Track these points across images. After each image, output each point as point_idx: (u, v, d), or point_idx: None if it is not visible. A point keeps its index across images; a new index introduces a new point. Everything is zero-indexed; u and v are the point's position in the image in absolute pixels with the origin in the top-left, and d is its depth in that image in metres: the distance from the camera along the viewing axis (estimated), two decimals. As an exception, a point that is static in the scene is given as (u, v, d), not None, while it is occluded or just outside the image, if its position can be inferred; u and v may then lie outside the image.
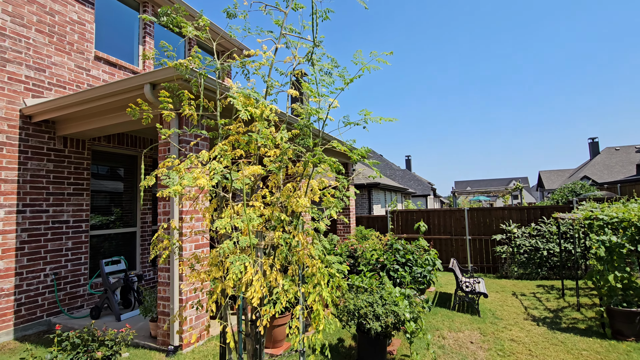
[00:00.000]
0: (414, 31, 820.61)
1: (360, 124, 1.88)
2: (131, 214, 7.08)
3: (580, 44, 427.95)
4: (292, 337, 1.62)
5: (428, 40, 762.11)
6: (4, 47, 5.09)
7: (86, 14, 6.23)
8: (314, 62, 1.96)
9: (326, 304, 1.66)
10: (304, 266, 1.66)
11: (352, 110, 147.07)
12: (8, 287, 4.95)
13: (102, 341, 2.67)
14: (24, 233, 5.16)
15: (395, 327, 3.52)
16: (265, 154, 1.73)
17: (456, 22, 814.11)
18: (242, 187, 1.46)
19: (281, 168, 1.75)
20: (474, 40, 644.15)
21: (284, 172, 1.84)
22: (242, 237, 1.42)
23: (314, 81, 1.68)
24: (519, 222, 9.19)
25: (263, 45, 1.90)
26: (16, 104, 5.19)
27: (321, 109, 1.68)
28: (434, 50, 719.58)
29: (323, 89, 1.69)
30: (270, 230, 1.73)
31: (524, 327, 5.15)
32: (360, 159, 1.97)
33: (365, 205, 15.04)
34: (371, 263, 5.59)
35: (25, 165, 5.24)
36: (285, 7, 1.95)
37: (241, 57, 1.94)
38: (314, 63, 1.97)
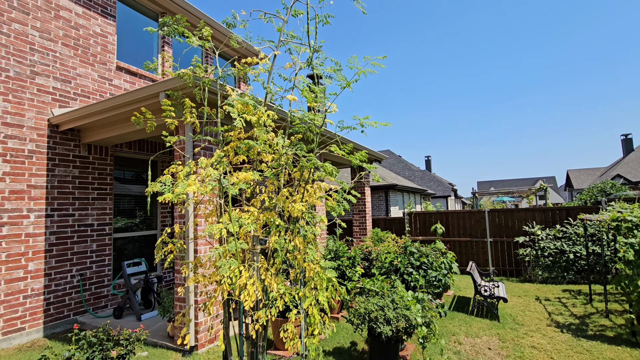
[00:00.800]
0: (441, 35, 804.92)
1: (356, 128, 1.88)
2: (152, 217, 7.33)
3: (610, 41, 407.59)
4: (286, 341, 1.63)
5: (451, 41, 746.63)
6: (33, 60, 5.41)
7: (108, 27, 6.52)
8: (314, 67, 1.98)
9: (322, 309, 1.66)
10: (303, 270, 1.67)
11: (377, 110, 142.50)
12: (38, 287, 5.23)
13: (117, 340, 2.79)
14: (52, 236, 5.45)
15: (407, 332, 3.47)
16: (263, 159, 1.76)
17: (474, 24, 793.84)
18: (235, 193, 1.49)
19: (279, 173, 1.78)
20: (500, 38, 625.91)
21: (285, 177, 1.87)
22: (231, 243, 1.45)
23: (311, 88, 1.70)
24: (543, 223, 8.84)
25: (260, 53, 1.94)
26: (44, 114, 5.50)
27: (316, 114, 1.69)
28: (459, 49, 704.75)
29: (320, 94, 1.70)
30: (273, 234, 1.75)
31: (547, 333, 4.94)
32: (359, 163, 1.96)
33: (382, 207, 14.89)
34: (384, 266, 5.53)
35: (53, 171, 5.53)
36: (285, 14, 1.98)
37: (243, 62, 1.99)
38: (314, 68, 1.99)
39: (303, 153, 1.69)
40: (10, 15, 5.16)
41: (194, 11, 7.96)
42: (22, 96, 5.24)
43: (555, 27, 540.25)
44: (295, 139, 2.13)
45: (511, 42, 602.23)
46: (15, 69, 5.18)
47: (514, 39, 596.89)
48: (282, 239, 1.61)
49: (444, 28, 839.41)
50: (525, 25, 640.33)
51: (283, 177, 1.88)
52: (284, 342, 3.98)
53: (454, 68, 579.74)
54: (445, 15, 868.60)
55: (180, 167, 1.73)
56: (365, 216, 9.90)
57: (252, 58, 1.93)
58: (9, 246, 4.95)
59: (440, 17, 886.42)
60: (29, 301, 5.12)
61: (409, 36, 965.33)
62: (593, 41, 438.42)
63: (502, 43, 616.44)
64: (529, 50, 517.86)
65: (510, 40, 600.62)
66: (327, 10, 2.09)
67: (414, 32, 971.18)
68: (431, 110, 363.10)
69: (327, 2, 1.99)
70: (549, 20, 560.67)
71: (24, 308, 5.06)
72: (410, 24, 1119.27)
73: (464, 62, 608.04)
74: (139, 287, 5.67)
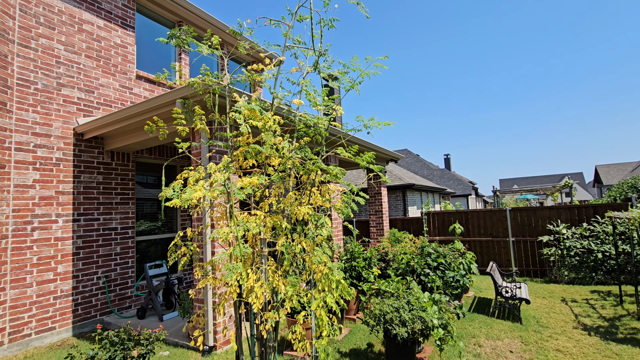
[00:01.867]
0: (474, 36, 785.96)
1: (360, 130, 1.88)
2: (172, 220, 7.55)
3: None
4: (295, 343, 1.65)
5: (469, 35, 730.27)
6: (59, 73, 5.69)
7: (128, 38, 6.77)
8: (320, 70, 2.00)
9: (333, 310, 1.67)
10: (312, 272, 1.69)
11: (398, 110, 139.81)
12: (67, 288, 5.49)
13: (137, 340, 2.90)
14: (79, 239, 5.70)
15: (423, 334, 3.42)
16: (269, 163, 1.79)
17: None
18: (243, 197, 1.53)
19: (285, 177, 1.80)
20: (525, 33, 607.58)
21: (293, 180, 1.89)
22: (236, 248, 1.48)
23: (314, 91, 1.72)
24: (569, 222, 8.50)
25: (266, 60, 1.97)
26: (70, 123, 5.77)
27: (321, 117, 1.70)
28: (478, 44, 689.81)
29: (319, 98, 1.72)
30: (282, 237, 1.78)
31: (573, 336, 4.75)
32: (366, 165, 1.97)
33: (399, 207, 14.72)
34: (401, 267, 5.47)
35: (79, 178, 5.80)
36: (291, 19, 2.01)
37: (250, 68, 2.04)
38: (321, 71, 2.01)
39: (310, 156, 1.71)
40: (37, 31, 5.45)
41: (209, 18, 8.16)
42: (50, 107, 5.52)
43: (582, 18, 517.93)
44: (304, 142, 2.15)
45: (534, 37, 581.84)
46: (42, 82, 5.46)
47: (537, 34, 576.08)
48: (288, 242, 1.63)
49: (464, 25, 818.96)
50: (549, 19, 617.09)
51: (291, 180, 1.90)
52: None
53: (474, 65, 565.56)
54: (447, 14, 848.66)
55: (192, 173, 1.78)
56: (382, 216, 9.82)
57: (259, 64, 1.96)
58: (39, 249, 5.21)
59: (442, 17, 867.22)
60: (58, 302, 5.37)
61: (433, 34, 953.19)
62: (623, 29, 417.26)
63: (524, 38, 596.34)
64: (554, 44, 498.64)
65: (533, 35, 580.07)
66: (332, 14, 2.11)
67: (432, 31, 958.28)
68: (452, 109, 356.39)
69: (331, 7, 2.00)
70: (574, 10, 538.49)
71: (54, 308, 5.32)
72: (414, 26, 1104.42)
73: (485, 60, 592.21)
74: (160, 289, 5.84)
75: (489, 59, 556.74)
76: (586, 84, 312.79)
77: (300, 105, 1.84)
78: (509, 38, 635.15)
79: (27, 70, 5.29)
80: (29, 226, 5.13)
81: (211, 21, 8.23)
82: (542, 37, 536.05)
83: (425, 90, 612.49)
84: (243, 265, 1.55)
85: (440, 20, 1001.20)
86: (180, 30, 2.03)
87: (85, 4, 6.13)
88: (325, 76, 1.96)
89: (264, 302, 1.47)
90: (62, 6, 5.80)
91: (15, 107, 5.13)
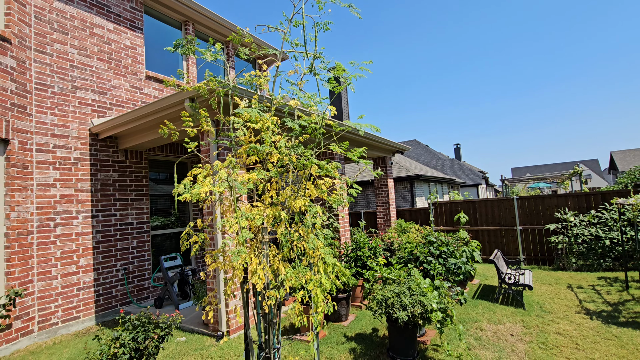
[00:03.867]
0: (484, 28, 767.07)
1: (349, 128, 2.04)
2: (185, 214, 7.84)
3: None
4: (293, 317, 1.86)
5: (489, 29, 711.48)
6: (74, 76, 5.96)
7: (137, 39, 7.00)
8: (316, 72, 2.16)
9: (330, 291, 1.86)
10: (309, 257, 1.87)
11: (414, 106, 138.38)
12: (89, 280, 5.83)
13: (156, 323, 3.16)
14: (98, 234, 6.03)
15: (423, 317, 3.60)
16: (271, 159, 1.97)
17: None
18: (245, 191, 1.71)
19: (283, 173, 1.98)
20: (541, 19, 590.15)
21: (291, 175, 2.07)
22: (242, 234, 1.67)
23: (312, 95, 1.89)
24: (577, 209, 8.50)
25: (263, 66, 2.14)
26: (86, 124, 6.06)
27: (313, 117, 1.86)
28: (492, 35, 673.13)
29: (312, 100, 1.88)
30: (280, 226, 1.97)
31: (574, 320, 4.87)
32: (358, 159, 2.13)
33: (407, 197, 14.80)
34: (404, 255, 5.63)
35: (96, 176, 6.10)
36: (287, 25, 2.16)
37: (252, 73, 2.22)
38: (316, 73, 2.17)
39: (303, 153, 1.88)
40: (52, 36, 5.72)
41: (215, 17, 8.32)
42: (66, 109, 5.81)
43: (591, 6, 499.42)
44: (302, 139, 2.33)
45: (543, 26, 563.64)
46: (59, 85, 5.74)
47: (546, 22, 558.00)
48: (286, 230, 1.82)
49: (475, 17, 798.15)
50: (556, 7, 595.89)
51: (290, 174, 2.08)
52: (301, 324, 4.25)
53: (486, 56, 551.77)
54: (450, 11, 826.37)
55: (200, 170, 1.98)
56: (389, 207, 9.96)
57: (261, 66, 2.13)
58: (62, 244, 5.55)
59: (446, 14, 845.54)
60: (81, 293, 5.73)
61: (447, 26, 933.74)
62: (633, 13, 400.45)
63: (533, 27, 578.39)
64: (567, 31, 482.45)
65: (541, 24, 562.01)
66: (326, 18, 2.26)
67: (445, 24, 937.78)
68: (463, 99, 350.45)
69: (325, 11, 2.15)
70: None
71: (78, 299, 5.68)
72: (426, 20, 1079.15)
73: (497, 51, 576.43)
74: (175, 280, 6.15)
75: (505, 46, 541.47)
76: (603, 68, 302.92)
77: (297, 106, 2.01)
78: (520, 26, 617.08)
79: (44, 74, 5.57)
80: (52, 222, 5.46)
81: (217, 20, 8.40)
82: (554, 24, 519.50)
83: (438, 79, 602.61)
84: (247, 251, 1.74)
85: (456, 8, 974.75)
86: (186, 40, 2.21)
87: (95, 8, 6.37)
88: (321, 78, 2.12)
89: (266, 282, 1.66)
90: (74, 12, 6.04)
91: (34, 110, 5.42)
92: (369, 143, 8.61)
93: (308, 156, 1.85)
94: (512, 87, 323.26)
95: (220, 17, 8.41)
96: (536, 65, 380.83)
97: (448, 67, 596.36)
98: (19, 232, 4.96)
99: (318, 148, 2.08)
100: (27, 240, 5.08)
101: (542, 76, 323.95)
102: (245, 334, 2.03)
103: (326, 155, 7.02)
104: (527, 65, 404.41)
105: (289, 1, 2.31)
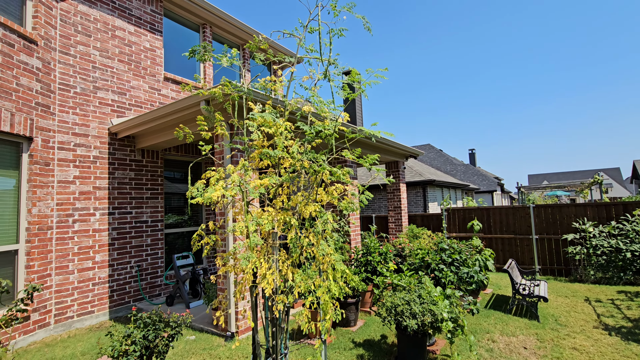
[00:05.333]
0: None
1: (361, 135, 2.03)
2: (198, 214, 7.96)
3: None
4: (302, 324, 1.85)
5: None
6: (95, 77, 6.14)
7: (156, 42, 7.17)
8: (330, 78, 2.16)
9: (337, 297, 1.85)
10: (319, 263, 1.87)
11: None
12: (104, 276, 5.98)
13: (167, 322, 3.22)
14: (114, 231, 6.18)
15: (433, 327, 3.54)
16: (283, 164, 1.99)
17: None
18: (256, 196, 1.73)
19: (294, 178, 1.99)
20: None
21: (303, 180, 2.07)
22: (249, 239, 1.69)
23: (327, 102, 1.90)
24: (596, 220, 8.23)
25: (278, 71, 2.16)
26: (105, 123, 6.23)
27: (326, 122, 1.87)
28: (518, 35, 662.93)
29: (325, 107, 1.89)
30: (291, 231, 1.98)
31: (592, 335, 4.70)
32: (370, 166, 2.12)
33: (420, 203, 14.63)
34: (415, 262, 5.56)
35: (114, 174, 6.26)
36: (303, 31, 2.18)
37: (265, 79, 2.25)
38: (330, 79, 2.17)
39: (323, 158, 1.88)
40: (75, 38, 5.91)
41: (232, 20, 8.44)
42: (87, 109, 5.99)
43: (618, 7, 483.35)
44: (315, 144, 2.34)
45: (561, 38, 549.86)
46: (81, 85, 5.92)
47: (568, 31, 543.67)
48: (296, 236, 1.82)
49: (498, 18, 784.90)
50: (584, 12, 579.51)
51: (303, 179, 2.09)
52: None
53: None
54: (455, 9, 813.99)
55: (213, 173, 2.01)
56: (401, 212, 9.87)
57: (278, 72, 2.15)
58: (80, 240, 5.71)
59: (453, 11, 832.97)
60: (96, 288, 5.87)
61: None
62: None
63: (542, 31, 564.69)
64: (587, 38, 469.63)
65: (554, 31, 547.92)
66: (341, 24, 2.26)
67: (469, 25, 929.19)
68: (481, 104, 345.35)
69: (340, 18, 2.16)
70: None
71: (93, 294, 5.82)
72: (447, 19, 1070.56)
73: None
74: (187, 278, 6.23)
75: (526, 54, 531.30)
76: (627, 76, 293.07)
77: (310, 111, 2.02)
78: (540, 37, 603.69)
79: (67, 75, 5.76)
80: (71, 218, 5.62)
81: (234, 23, 8.52)
82: (575, 31, 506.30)
83: (456, 84, 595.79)
84: (257, 255, 1.75)
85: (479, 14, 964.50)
86: (202, 46, 2.25)
87: (117, 11, 6.55)
88: (336, 84, 2.13)
89: (274, 287, 1.66)
90: (97, 14, 6.23)
91: (57, 110, 5.61)
92: (382, 147, 8.56)
93: (320, 162, 1.85)
94: (531, 93, 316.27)
95: (237, 21, 8.53)
96: (559, 70, 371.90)
97: (468, 74, 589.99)
98: (40, 227, 5.13)
99: (330, 154, 2.08)
100: (46, 235, 5.25)
101: (563, 83, 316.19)
102: (253, 337, 2.04)
103: (338, 160, 7.01)
104: (549, 71, 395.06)
105: (305, 7, 2.33)
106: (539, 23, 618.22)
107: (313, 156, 1.92)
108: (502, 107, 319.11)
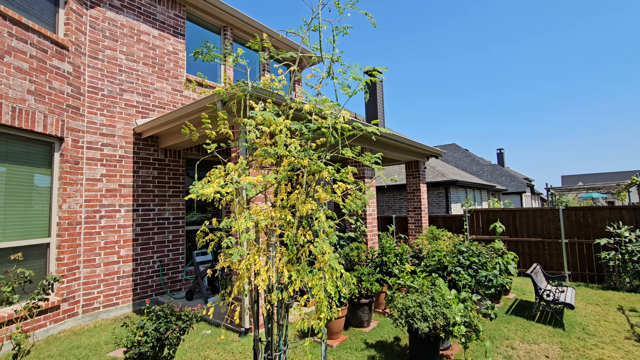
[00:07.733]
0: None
1: (361, 133, 2.00)
2: (219, 212, 8.15)
3: None
4: (297, 322, 1.86)
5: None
6: (121, 79, 6.43)
7: (179, 45, 7.41)
8: (334, 76, 2.15)
9: (331, 296, 1.84)
10: (317, 261, 1.87)
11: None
12: (128, 270, 6.25)
13: (178, 315, 3.33)
14: (138, 227, 6.45)
15: (445, 330, 3.44)
16: (282, 162, 2.00)
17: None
18: (254, 194, 1.75)
19: (292, 176, 2.00)
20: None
21: (301, 178, 2.08)
22: (243, 235, 1.71)
23: (332, 103, 1.89)
24: (633, 224, 7.70)
25: (279, 70, 2.17)
26: (130, 124, 6.51)
27: (325, 120, 1.86)
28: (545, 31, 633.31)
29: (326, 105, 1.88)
30: (290, 228, 1.99)
31: (622, 346, 4.41)
32: (370, 164, 2.09)
33: (442, 203, 14.26)
34: (431, 264, 5.43)
35: (138, 173, 6.53)
36: (307, 29, 2.18)
37: (268, 78, 2.28)
38: (334, 77, 2.17)
39: (318, 156, 1.88)
40: (104, 43, 6.21)
41: (252, 22, 8.58)
42: (114, 110, 6.28)
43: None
44: (320, 142, 2.34)
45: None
46: (108, 88, 6.23)
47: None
48: (293, 233, 1.83)
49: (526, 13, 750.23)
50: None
51: (302, 177, 2.09)
52: (331, 331, 4.22)
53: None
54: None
55: (213, 171, 2.05)
56: (421, 213, 9.67)
57: (292, 67, 2.17)
58: (106, 235, 6.00)
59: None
60: (121, 281, 6.15)
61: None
62: None
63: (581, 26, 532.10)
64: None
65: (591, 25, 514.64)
66: (345, 22, 2.25)
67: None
68: (512, 102, 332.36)
69: (344, 16, 2.14)
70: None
71: (118, 287, 6.10)
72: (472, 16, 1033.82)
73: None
74: (206, 274, 6.40)
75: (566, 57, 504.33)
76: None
77: (311, 110, 2.03)
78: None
79: (95, 78, 6.07)
80: (98, 214, 5.93)
81: (254, 25, 8.66)
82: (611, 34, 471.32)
83: (488, 84, 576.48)
84: (252, 252, 1.78)
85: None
86: (205, 46, 2.31)
87: (142, 16, 6.83)
88: (341, 82, 2.12)
89: (269, 284, 1.68)
90: (124, 20, 6.53)
91: (86, 111, 5.92)
92: (400, 147, 8.42)
93: (315, 160, 1.85)
94: (568, 95, 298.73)
95: (257, 22, 8.65)
96: (601, 71, 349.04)
97: (502, 80, 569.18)
98: (69, 222, 5.44)
99: (330, 152, 2.08)
100: (75, 230, 5.55)
101: (603, 83, 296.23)
102: (254, 333, 2.07)
103: (346, 160, 6.97)
104: (591, 73, 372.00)
105: (311, 6, 2.33)
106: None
107: (310, 153, 1.93)
108: (541, 112, 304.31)
